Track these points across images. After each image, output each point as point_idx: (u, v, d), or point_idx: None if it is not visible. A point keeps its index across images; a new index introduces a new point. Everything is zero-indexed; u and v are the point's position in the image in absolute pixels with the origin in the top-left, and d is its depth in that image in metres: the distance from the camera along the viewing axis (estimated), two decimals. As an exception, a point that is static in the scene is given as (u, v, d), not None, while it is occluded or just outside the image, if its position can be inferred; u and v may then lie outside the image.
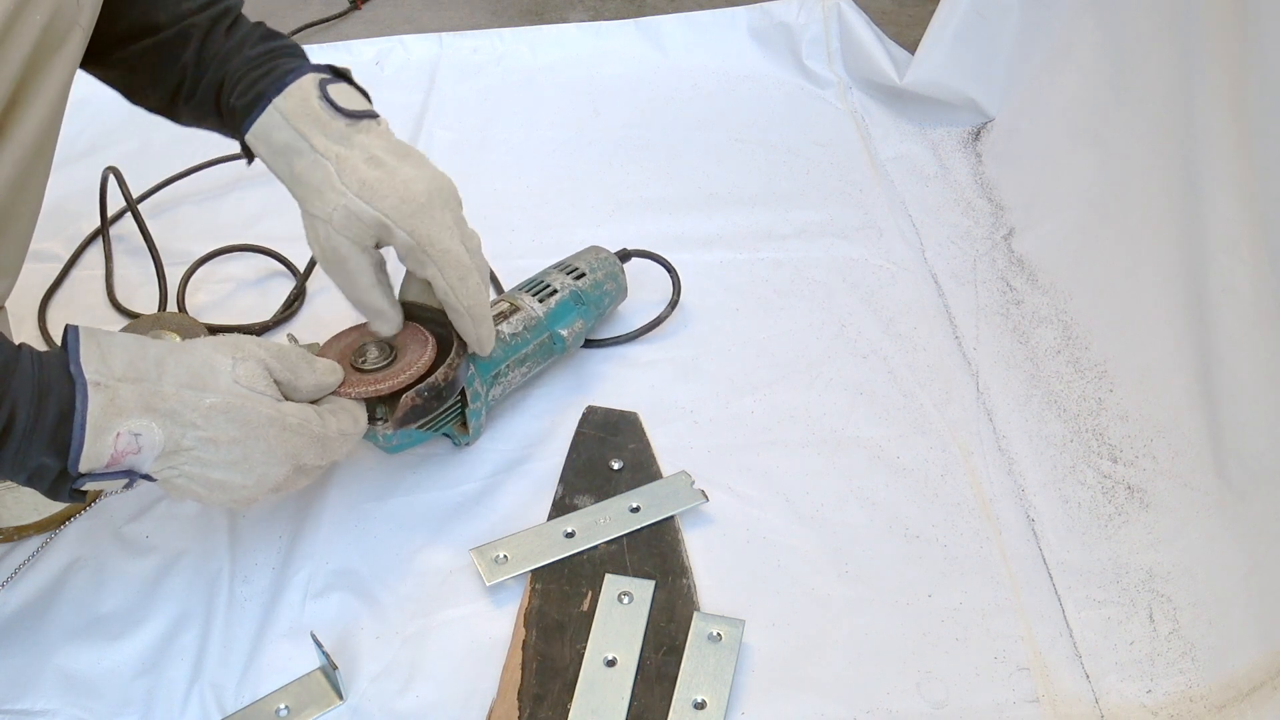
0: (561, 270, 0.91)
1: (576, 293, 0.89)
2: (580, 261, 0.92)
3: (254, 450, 0.62)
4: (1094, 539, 0.76)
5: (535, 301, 0.87)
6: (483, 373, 0.81)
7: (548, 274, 0.90)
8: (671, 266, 0.96)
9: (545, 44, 1.38)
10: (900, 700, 0.66)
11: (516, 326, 0.85)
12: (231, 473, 0.62)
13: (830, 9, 1.32)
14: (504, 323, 0.84)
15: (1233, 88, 0.79)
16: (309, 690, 0.67)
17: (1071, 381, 0.88)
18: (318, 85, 0.72)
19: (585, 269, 0.91)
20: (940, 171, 1.15)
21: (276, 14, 1.56)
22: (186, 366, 0.61)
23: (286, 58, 0.75)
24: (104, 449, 0.57)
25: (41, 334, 0.95)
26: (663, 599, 0.71)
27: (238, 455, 0.62)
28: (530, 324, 0.85)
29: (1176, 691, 0.66)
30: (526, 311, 0.86)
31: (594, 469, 0.81)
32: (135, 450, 0.58)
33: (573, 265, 0.91)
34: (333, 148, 0.71)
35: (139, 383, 0.59)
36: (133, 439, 0.58)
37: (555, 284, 0.89)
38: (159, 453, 0.59)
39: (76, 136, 1.24)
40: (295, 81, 0.72)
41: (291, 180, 0.73)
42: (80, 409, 0.57)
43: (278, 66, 0.74)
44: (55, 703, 0.67)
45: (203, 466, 0.61)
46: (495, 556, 0.73)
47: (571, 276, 0.90)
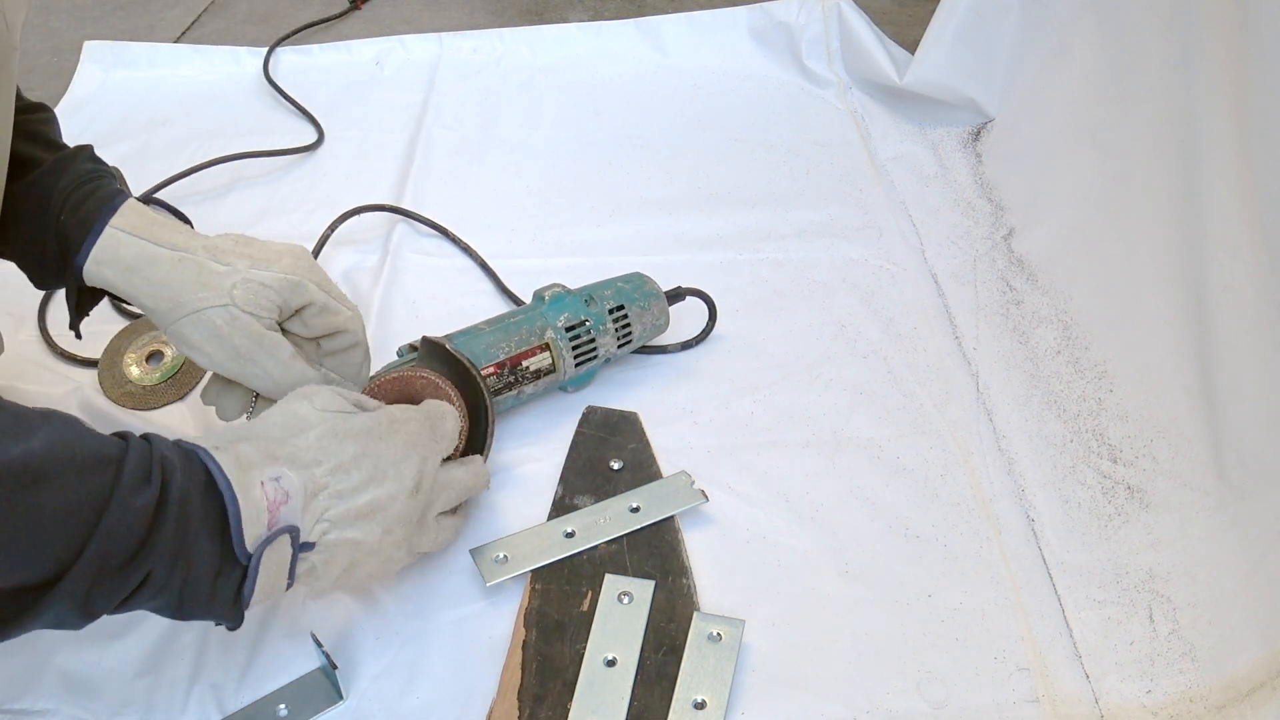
0: (617, 330, 0.85)
1: (610, 359, 0.87)
2: (639, 320, 0.86)
3: (380, 457, 0.61)
4: (1094, 539, 0.76)
5: (572, 362, 0.84)
6: None
7: (602, 326, 0.84)
8: (713, 304, 0.93)
9: (545, 44, 1.38)
10: (900, 700, 0.66)
11: (540, 389, 0.84)
12: (374, 489, 0.61)
13: (830, 9, 1.33)
14: (531, 385, 0.82)
15: (1233, 87, 0.79)
16: (309, 690, 0.67)
17: (1071, 381, 0.88)
18: (144, 205, 0.70)
19: (636, 332, 0.87)
20: (940, 171, 1.15)
21: (276, 14, 1.56)
22: (276, 421, 0.61)
23: (109, 179, 0.71)
24: (258, 504, 0.55)
25: (41, 334, 0.95)
26: (663, 599, 0.71)
27: (369, 470, 0.61)
28: (553, 384, 0.85)
29: (1176, 691, 0.66)
30: (558, 374, 0.84)
31: (594, 469, 0.81)
32: (284, 499, 0.57)
33: (628, 324, 0.86)
34: (193, 242, 0.68)
35: (249, 440, 0.58)
36: (276, 485, 0.56)
37: (599, 346, 0.85)
38: (303, 497, 0.58)
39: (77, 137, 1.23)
40: (125, 202, 0.68)
41: (157, 290, 0.66)
42: (216, 470, 0.55)
43: (103, 186, 0.69)
44: (55, 703, 0.67)
45: (344, 500, 0.60)
46: (495, 557, 0.73)
47: (619, 338, 0.86)
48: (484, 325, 0.83)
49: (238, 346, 0.67)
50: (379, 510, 0.61)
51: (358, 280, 1.01)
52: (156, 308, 0.67)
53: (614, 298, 0.86)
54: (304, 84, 1.32)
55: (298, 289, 0.68)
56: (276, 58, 1.38)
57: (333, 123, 1.25)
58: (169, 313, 0.67)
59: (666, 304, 0.89)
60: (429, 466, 0.65)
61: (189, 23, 1.56)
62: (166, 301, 0.67)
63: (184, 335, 0.67)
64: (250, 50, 1.38)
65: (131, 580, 0.52)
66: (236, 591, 0.57)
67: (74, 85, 1.33)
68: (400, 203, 1.11)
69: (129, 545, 0.51)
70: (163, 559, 0.53)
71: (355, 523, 0.60)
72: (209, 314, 0.66)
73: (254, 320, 0.67)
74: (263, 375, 0.69)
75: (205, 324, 0.66)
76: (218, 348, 0.67)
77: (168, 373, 0.89)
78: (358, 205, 1.08)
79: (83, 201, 0.68)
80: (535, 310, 0.84)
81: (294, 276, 0.68)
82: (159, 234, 0.68)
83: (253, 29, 1.53)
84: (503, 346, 0.81)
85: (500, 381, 0.81)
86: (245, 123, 1.27)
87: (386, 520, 0.62)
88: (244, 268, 0.67)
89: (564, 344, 0.83)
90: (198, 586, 0.55)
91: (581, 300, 0.85)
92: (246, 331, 0.67)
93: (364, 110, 1.29)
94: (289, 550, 0.58)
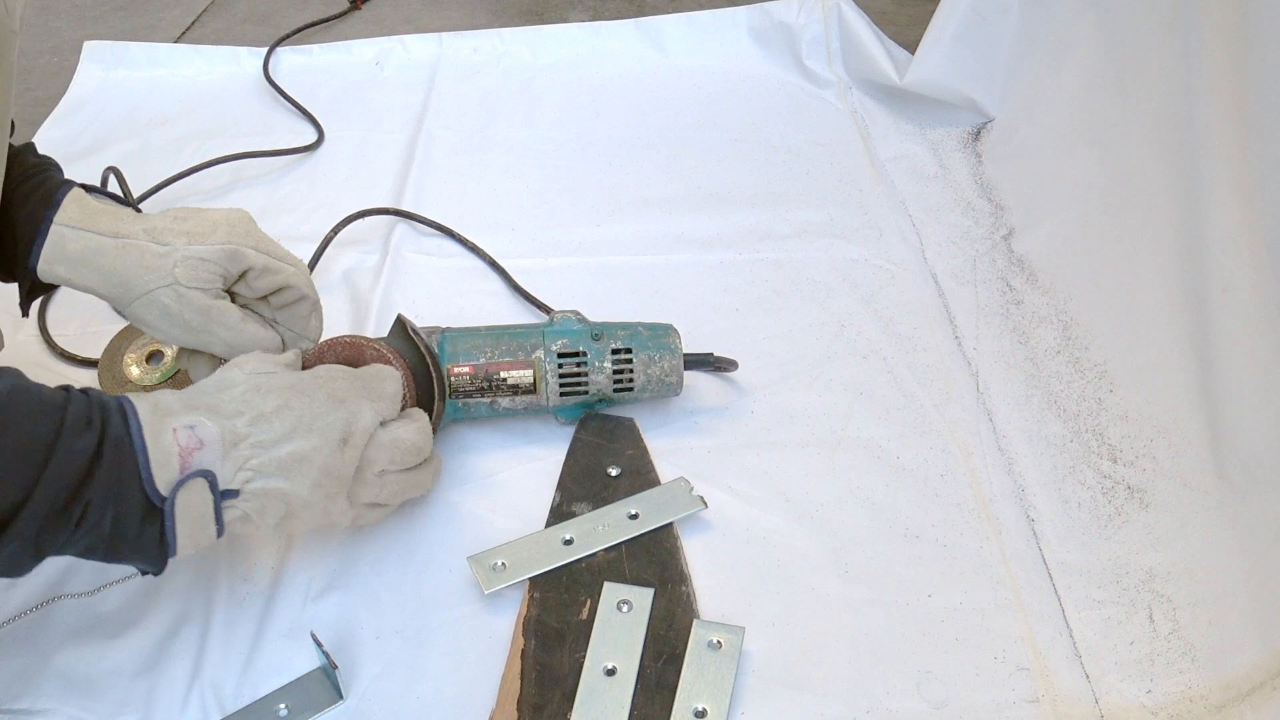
0: (614, 368, 0.81)
1: (605, 402, 0.84)
2: (643, 370, 0.82)
3: (303, 409, 0.64)
4: (1094, 539, 0.76)
5: (556, 389, 0.81)
6: (451, 415, 0.82)
7: (598, 364, 0.81)
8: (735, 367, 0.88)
9: (545, 44, 1.38)
10: (900, 700, 0.66)
11: (517, 405, 0.82)
12: (297, 441, 0.63)
13: (830, 9, 1.33)
14: (507, 399, 0.81)
15: (1233, 88, 0.79)
16: (309, 690, 0.67)
17: (1071, 381, 0.88)
18: (85, 194, 0.72)
19: (638, 381, 0.82)
20: (940, 171, 1.15)
21: (276, 14, 1.56)
22: (208, 383, 0.66)
23: (51, 171, 0.74)
24: (169, 449, 0.59)
25: (41, 334, 0.95)
26: (662, 606, 0.71)
27: (291, 422, 0.63)
28: (533, 406, 0.82)
29: (1176, 691, 0.66)
30: (539, 396, 0.81)
31: (592, 475, 0.81)
32: (198, 444, 0.60)
33: (629, 367, 0.81)
34: (133, 227, 0.71)
35: (174, 393, 0.63)
36: (189, 432, 0.60)
37: (591, 384, 0.81)
38: (220, 445, 0.61)
39: (77, 136, 1.24)
40: (67, 195, 0.71)
41: (107, 279, 0.70)
42: (132, 414, 0.59)
43: (45, 182, 0.72)
44: (55, 703, 0.67)
45: (266, 450, 0.62)
46: (493, 564, 0.73)
47: (615, 381, 0.82)
48: (484, 328, 0.83)
49: (188, 321, 0.71)
50: (303, 461, 0.63)
51: (358, 280, 1.01)
52: (110, 294, 0.71)
53: (625, 340, 0.82)
54: (304, 84, 1.32)
55: (235, 257, 0.72)
56: (276, 58, 1.38)
57: (333, 123, 1.25)
58: (121, 298, 0.71)
59: (681, 364, 0.83)
60: (360, 422, 0.66)
61: (189, 23, 1.56)
62: (118, 288, 0.71)
63: (139, 317, 0.72)
64: (250, 50, 1.38)
65: (73, 517, 0.56)
66: (161, 534, 0.60)
67: (74, 85, 1.32)
68: (400, 203, 1.11)
69: (72, 485, 0.56)
70: (98, 497, 0.57)
71: (280, 473, 0.63)
72: (157, 295, 0.70)
73: (200, 294, 0.71)
74: (217, 342, 0.73)
75: (155, 304, 0.71)
76: (171, 324, 0.72)
77: (168, 373, 0.89)
78: (358, 206, 1.08)
79: (27, 198, 0.71)
80: (536, 328, 0.83)
81: (230, 245, 0.72)
82: (100, 223, 0.71)
83: (253, 29, 1.53)
84: (487, 351, 0.81)
85: (473, 385, 0.80)
86: (245, 123, 1.27)
87: (313, 472, 0.64)
88: (182, 245, 0.71)
89: (550, 369, 0.81)
90: (126, 525, 0.58)
91: (589, 333, 0.82)
92: (193, 306, 0.71)
93: (364, 110, 1.29)
94: (208, 495, 0.60)
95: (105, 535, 0.58)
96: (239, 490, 0.62)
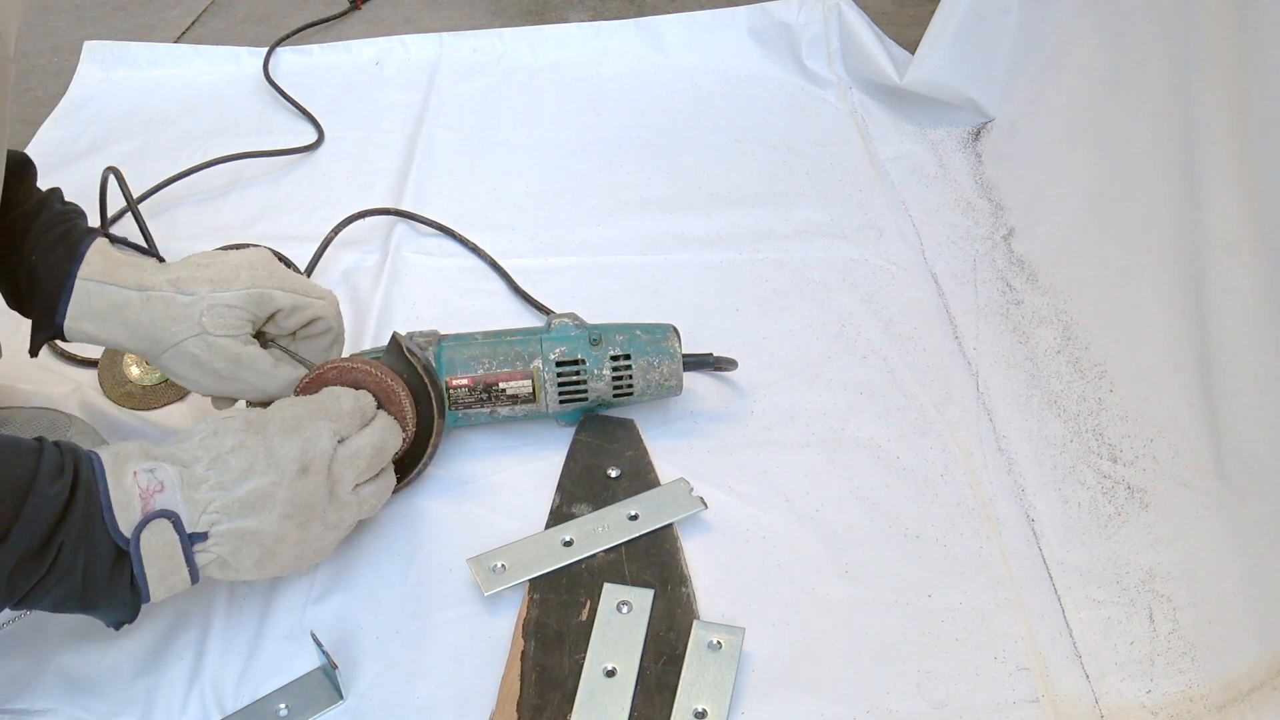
0: (614, 374, 0.81)
1: (605, 405, 0.83)
2: (643, 375, 0.81)
3: (256, 447, 0.63)
4: (1094, 539, 0.76)
5: (556, 397, 0.81)
6: (451, 424, 0.81)
7: (597, 371, 0.81)
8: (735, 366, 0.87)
9: (545, 44, 1.38)
10: (900, 700, 0.66)
11: (517, 414, 0.81)
12: (255, 479, 0.62)
13: (830, 9, 1.33)
14: (506, 408, 0.80)
15: (1233, 88, 0.79)
16: (309, 690, 0.67)
17: (1071, 381, 0.88)
18: (109, 245, 0.73)
19: (637, 387, 0.81)
20: (940, 171, 1.15)
21: (276, 14, 1.56)
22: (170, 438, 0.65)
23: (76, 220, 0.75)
24: (130, 491, 0.59)
25: (41, 334, 0.95)
26: (662, 608, 0.71)
27: (246, 460, 0.63)
28: (532, 415, 0.82)
29: (1176, 691, 0.66)
30: (538, 404, 0.81)
31: (591, 477, 0.80)
32: (159, 486, 0.60)
33: (628, 372, 0.81)
34: (157, 278, 0.71)
35: (136, 443, 0.63)
36: (149, 475, 0.60)
37: (590, 390, 0.81)
38: (181, 488, 0.61)
39: (77, 136, 1.24)
40: (90, 248, 0.72)
41: (133, 333, 0.71)
42: (96, 460, 0.60)
43: (70, 232, 0.73)
44: (55, 703, 0.67)
45: (227, 491, 0.62)
46: (493, 566, 0.73)
47: (615, 386, 0.81)
48: (480, 335, 0.83)
49: (218, 370, 0.72)
50: (265, 497, 0.63)
51: (358, 280, 1.01)
52: (138, 348, 0.72)
53: (623, 345, 0.81)
54: (304, 84, 1.32)
55: (262, 301, 0.72)
56: (276, 58, 1.38)
57: (333, 123, 1.25)
58: (150, 350, 0.72)
59: (680, 367, 0.82)
60: (318, 447, 0.65)
61: (189, 23, 1.56)
62: (145, 341, 0.71)
63: (169, 368, 0.72)
64: (250, 50, 1.38)
65: (46, 560, 0.57)
66: (131, 579, 0.60)
67: (74, 85, 1.32)
68: (400, 203, 1.11)
69: (46, 528, 0.56)
70: (70, 540, 0.57)
71: (245, 512, 0.62)
72: (185, 346, 0.71)
73: (229, 341, 0.71)
74: (249, 389, 0.74)
75: (185, 356, 0.71)
76: (201, 374, 0.72)
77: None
78: (358, 206, 1.08)
79: (52, 248, 0.72)
80: (535, 335, 0.82)
81: (255, 289, 0.72)
82: (124, 276, 0.71)
83: (253, 29, 1.53)
84: (485, 362, 0.80)
85: (472, 396, 0.80)
86: (245, 123, 1.27)
87: (278, 507, 0.63)
88: (207, 293, 0.71)
89: (549, 378, 0.80)
90: (97, 570, 0.59)
91: (586, 338, 0.81)
92: (223, 355, 0.71)
93: (364, 110, 1.29)
94: (173, 536, 0.60)
95: (78, 581, 0.58)
96: (207, 533, 0.62)
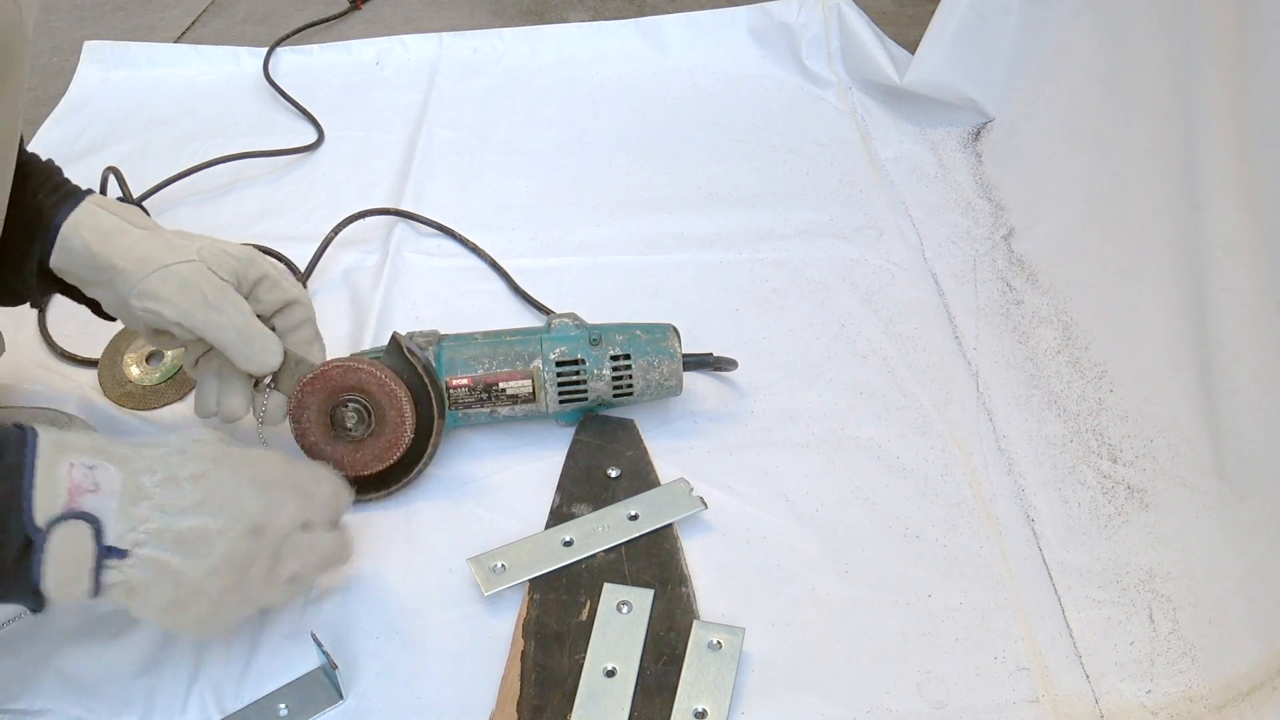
0: (614, 374, 0.81)
1: (605, 405, 0.83)
2: (643, 375, 0.81)
3: (221, 484, 0.59)
4: (1094, 539, 0.76)
5: (556, 397, 0.81)
6: (451, 424, 0.81)
7: (596, 374, 0.81)
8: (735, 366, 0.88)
9: (545, 44, 1.38)
10: (900, 700, 0.66)
11: (516, 414, 0.81)
12: (203, 516, 0.58)
13: (830, 9, 1.33)
14: (506, 408, 0.81)
15: (1233, 88, 0.79)
16: (309, 690, 0.67)
17: (1071, 381, 0.88)
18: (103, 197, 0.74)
19: (637, 386, 0.81)
20: (940, 171, 1.15)
21: (276, 14, 1.56)
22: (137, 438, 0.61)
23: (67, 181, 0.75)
24: (59, 482, 0.55)
25: (41, 334, 0.95)
26: (662, 608, 0.71)
27: (203, 493, 0.59)
28: (532, 415, 0.82)
29: (1176, 691, 0.66)
30: (538, 404, 0.81)
31: (591, 477, 0.80)
32: (93, 486, 0.56)
33: (628, 372, 0.81)
34: (158, 226, 0.74)
35: (90, 436, 0.59)
36: (87, 472, 0.56)
37: (590, 390, 0.81)
38: (119, 500, 0.56)
39: (77, 136, 1.24)
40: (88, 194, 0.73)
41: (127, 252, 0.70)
42: (30, 442, 0.56)
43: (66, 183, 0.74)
44: (55, 703, 0.67)
45: (167, 516, 0.57)
46: (493, 566, 0.73)
47: (615, 386, 0.81)
48: (480, 335, 0.83)
49: (206, 294, 0.70)
50: (205, 541, 0.58)
51: (358, 280, 1.01)
52: (125, 267, 0.70)
53: (623, 345, 0.81)
54: (304, 84, 1.32)
55: (254, 261, 0.73)
56: (276, 58, 1.38)
57: (333, 123, 1.25)
58: (136, 270, 0.69)
59: (680, 367, 0.83)
60: (281, 517, 0.61)
61: (189, 23, 1.56)
62: (136, 261, 0.70)
63: (152, 290, 0.69)
64: (250, 50, 1.38)
65: None
66: None
67: (74, 85, 1.32)
68: (400, 203, 1.11)
69: None
70: None
71: (176, 546, 0.58)
72: (177, 268, 0.70)
73: (217, 279, 0.71)
74: (227, 326, 0.70)
75: (174, 276, 0.69)
76: (186, 296, 0.69)
77: (168, 373, 0.89)
78: (358, 206, 1.08)
79: (60, 186, 0.73)
80: (534, 335, 0.82)
81: (249, 248, 0.74)
82: (130, 216, 0.73)
83: (253, 29, 1.53)
84: (485, 362, 0.80)
85: (472, 396, 0.80)
86: (245, 123, 1.27)
87: (213, 556, 0.58)
88: (205, 241, 0.73)
89: (549, 378, 0.80)
90: (4, 557, 0.54)
91: (586, 338, 0.81)
92: (213, 283, 0.70)
93: (364, 110, 1.29)
94: (89, 544, 0.56)
95: None
96: (127, 551, 0.57)
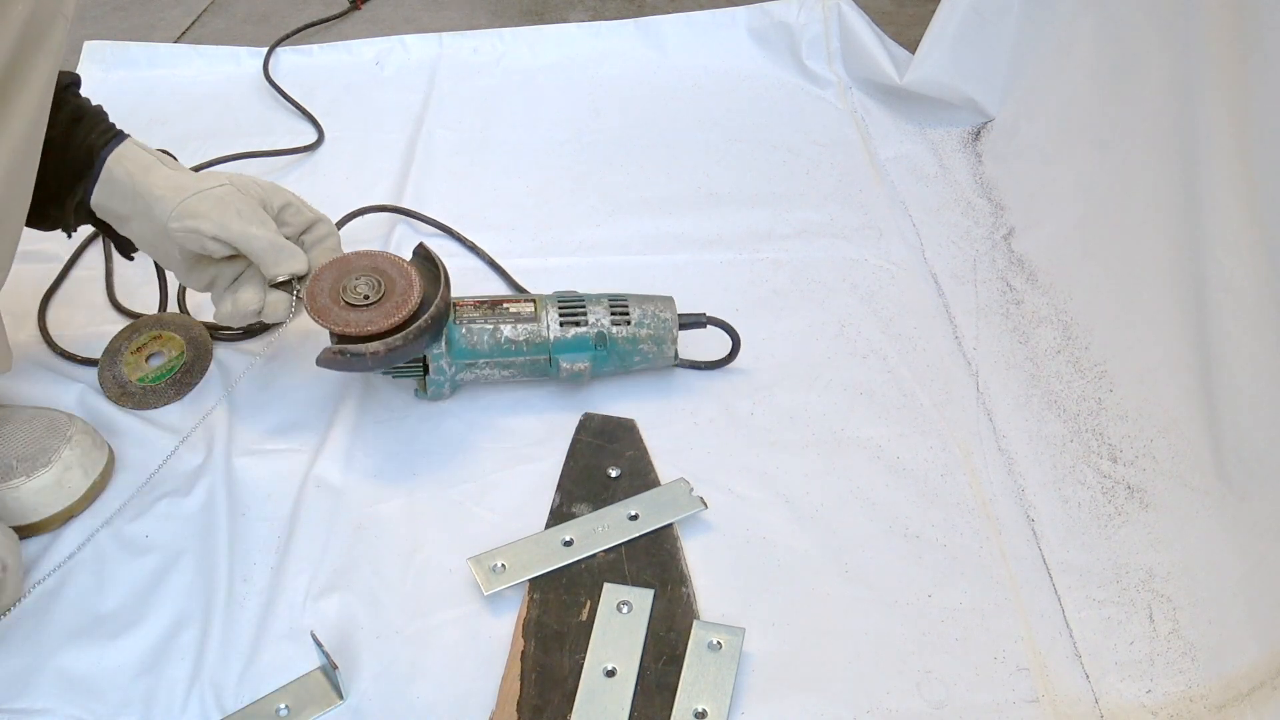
0: (611, 305, 0.86)
1: (603, 334, 0.85)
2: (636, 307, 0.86)
3: None
4: (1094, 539, 0.76)
5: (556, 319, 0.84)
6: (456, 355, 0.83)
7: (595, 300, 0.86)
8: (736, 336, 0.89)
9: (545, 44, 1.38)
10: (900, 700, 0.66)
11: (519, 334, 0.84)
12: None
13: (830, 9, 1.33)
14: (509, 325, 0.84)
15: (1233, 88, 0.79)
16: (309, 690, 0.67)
17: (1071, 381, 0.88)
18: None
19: (634, 318, 0.85)
20: (940, 171, 1.15)
21: (276, 14, 1.56)
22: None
23: None
24: None
25: (41, 334, 0.95)
26: (662, 608, 0.71)
27: None
28: (535, 340, 0.84)
29: (1176, 691, 0.66)
30: (540, 325, 0.84)
31: (592, 477, 0.81)
32: None
33: (625, 306, 0.86)
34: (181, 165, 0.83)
35: None
36: None
37: (590, 315, 0.85)
38: None
39: (76, 136, 1.24)
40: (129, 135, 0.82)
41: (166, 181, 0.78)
42: None
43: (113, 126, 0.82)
44: (55, 703, 0.67)
45: None
46: (493, 565, 0.73)
47: (612, 316, 0.85)
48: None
49: (239, 210, 0.78)
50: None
51: (358, 280, 1.01)
52: (164, 194, 0.78)
53: (619, 296, 0.87)
54: (304, 84, 1.32)
55: (278, 190, 0.83)
56: (276, 58, 1.38)
57: (333, 123, 1.25)
58: (173, 196, 0.77)
59: (675, 308, 0.87)
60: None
61: (189, 23, 1.56)
62: (173, 189, 0.78)
63: (190, 209, 0.77)
64: (250, 50, 1.38)
65: None
66: None
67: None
68: (400, 202, 1.11)
69: None
70: None
71: None
72: (212, 191, 0.78)
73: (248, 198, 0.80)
74: (260, 236, 0.79)
75: (210, 197, 0.78)
76: (223, 210, 0.78)
77: (168, 373, 0.89)
78: (358, 205, 1.08)
79: (109, 129, 0.80)
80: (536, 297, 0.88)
81: (272, 183, 0.83)
82: (163, 158, 0.81)
83: (253, 29, 1.53)
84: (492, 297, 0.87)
85: (478, 311, 0.85)
86: (245, 123, 1.27)
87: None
88: (232, 174, 0.82)
89: (551, 303, 0.85)
90: None
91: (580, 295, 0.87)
92: (245, 200, 0.80)
93: (364, 110, 1.29)
94: None
95: None
96: None
